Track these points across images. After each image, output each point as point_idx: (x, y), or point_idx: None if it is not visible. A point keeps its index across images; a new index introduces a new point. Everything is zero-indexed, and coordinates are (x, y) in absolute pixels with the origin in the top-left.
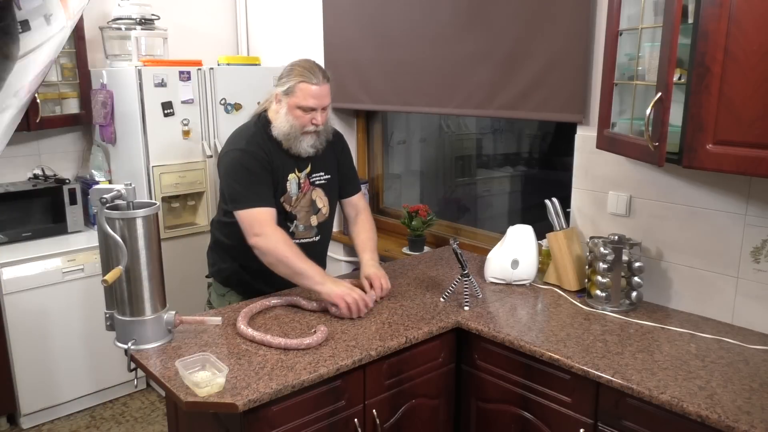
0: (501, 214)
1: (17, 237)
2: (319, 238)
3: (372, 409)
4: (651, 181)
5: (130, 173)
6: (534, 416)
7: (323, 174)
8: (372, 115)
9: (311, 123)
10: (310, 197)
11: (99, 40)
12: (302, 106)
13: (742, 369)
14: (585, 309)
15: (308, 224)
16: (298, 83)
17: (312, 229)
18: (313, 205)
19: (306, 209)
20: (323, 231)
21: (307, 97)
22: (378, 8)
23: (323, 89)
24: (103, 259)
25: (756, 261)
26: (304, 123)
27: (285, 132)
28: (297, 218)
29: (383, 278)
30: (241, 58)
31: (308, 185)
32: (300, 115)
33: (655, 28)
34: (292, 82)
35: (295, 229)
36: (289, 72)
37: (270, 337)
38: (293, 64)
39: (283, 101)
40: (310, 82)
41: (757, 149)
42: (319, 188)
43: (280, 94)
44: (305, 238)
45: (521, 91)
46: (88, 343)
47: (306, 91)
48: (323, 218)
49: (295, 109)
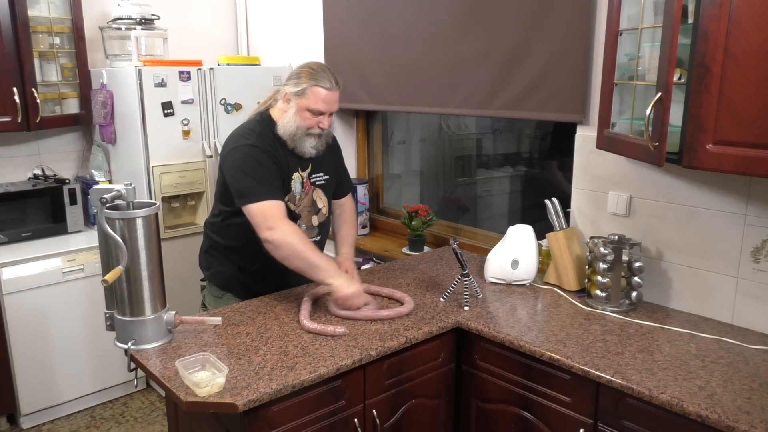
0: (501, 214)
1: (17, 237)
2: (319, 238)
3: (372, 409)
4: (651, 181)
5: (130, 173)
6: (534, 416)
7: (323, 175)
8: (372, 115)
9: (317, 126)
10: (312, 197)
11: (99, 40)
12: (312, 109)
13: (742, 369)
14: (585, 309)
15: (310, 224)
16: (312, 86)
17: (314, 229)
18: (314, 205)
19: (308, 209)
20: (323, 231)
21: (319, 102)
22: (378, 8)
23: (335, 95)
24: (103, 259)
25: (756, 261)
26: (310, 125)
27: (291, 132)
28: (300, 218)
29: (352, 268)
30: (241, 58)
31: (309, 185)
32: (308, 117)
33: (655, 28)
34: (306, 84)
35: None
36: (302, 74)
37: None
38: (307, 66)
39: (292, 101)
40: (324, 87)
41: (756, 149)
42: (319, 188)
43: (291, 94)
44: (308, 237)
45: (521, 91)
46: (88, 343)
47: (319, 95)
48: (323, 218)
49: (305, 111)
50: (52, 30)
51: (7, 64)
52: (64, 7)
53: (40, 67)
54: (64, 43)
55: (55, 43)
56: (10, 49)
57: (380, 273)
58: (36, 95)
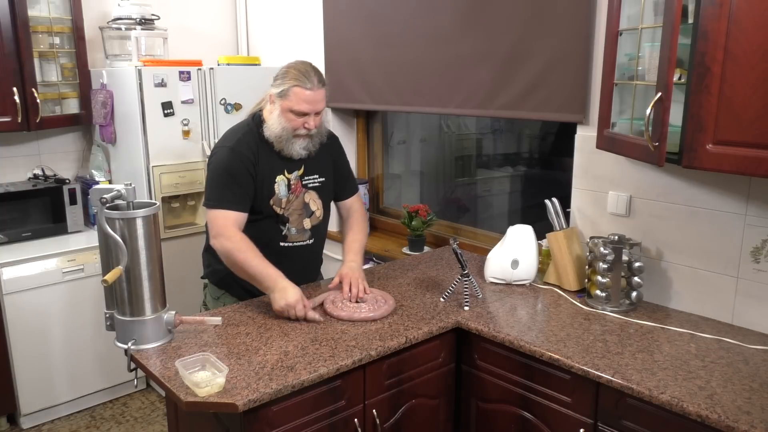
0: (501, 214)
1: (17, 237)
2: (312, 241)
3: (372, 409)
4: (651, 181)
5: (130, 173)
6: (534, 416)
7: (317, 177)
8: (372, 115)
9: (303, 127)
10: (303, 200)
11: (99, 40)
12: (295, 111)
13: (742, 369)
14: (585, 309)
15: (301, 227)
16: (292, 87)
17: (305, 232)
18: (306, 207)
19: (299, 212)
20: (317, 234)
21: (301, 102)
22: (378, 8)
23: (318, 94)
24: (103, 259)
25: (756, 261)
26: (296, 126)
27: (277, 134)
28: (289, 221)
29: (357, 280)
30: (241, 58)
31: (300, 188)
32: (292, 118)
33: (655, 28)
34: (287, 85)
35: (288, 232)
36: (285, 74)
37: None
38: (289, 66)
39: (276, 103)
40: (304, 87)
41: (756, 149)
42: (312, 191)
43: (274, 95)
44: (299, 241)
45: (521, 91)
46: (88, 343)
47: (300, 95)
48: (317, 221)
49: (288, 113)
50: (52, 30)
51: (7, 64)
52: (64, 7)
53: (40, 67)
54: (64, 43)
55: (55, 43)
56: (10, 49)
57: (380, 273)
58: (36, 95)
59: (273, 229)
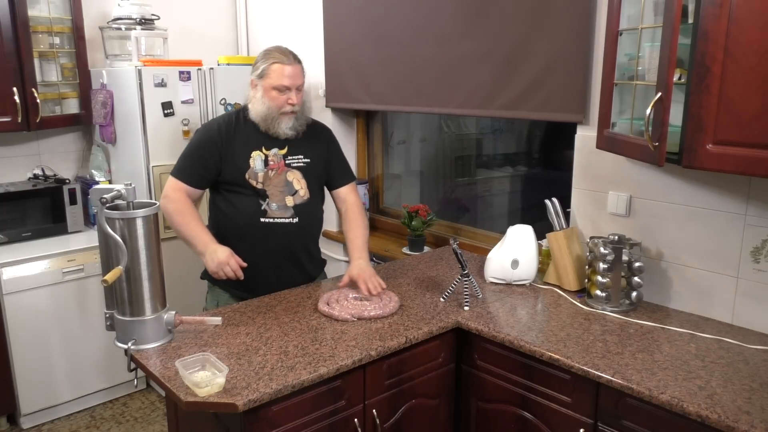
0: (501, 214)
1: (17, 237)
2: (297, 220)
3: (372, 409)
4: (651, 181)
5: (130, 173)
6: (534, 416)
7: (302, 157)
8: (372, 115)
9: (287, 103)
10: (285, 178)
11: (99, 40)
12: (277, 86)
13: (742, 369)
14: (585, 309)
15: (282, 204)
16: (270, 65)
17: (287, 209)
18: (288, 185)
19: (280, 188)
20: (302, 214)
21: (282, 77)
22: (378, 8)
23: (296, 69)
24: (103, 259)
25: (756, 261)
26: (280, 104)
27: (262, 114)
28: (269, 197)
29: (370, 278)
30: (241, 58)
31: (283, 166)
32: (276, 96)
33: (655, 28)
34: (265, 64)
35: (268, 207)
36: (261, 57)
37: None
38: (264, 50)
39: (258, 85)
40: (282, 63)
41: (756, 149)
42: (296, 170)
43: (255, 79)
44: (280, 217)
45: (521, 91)
46: (88, 343)
47: (279, 71)
48: (301, 200)
49: (271, 91)
50: (52, 30)
51: (7, 64)
52: (64, 7)
53: (40, 67)
54: (64, 43)
55: (55, 43)
56: (10, 49)
57: (380, 273)
58: (36, 95)
59: (253, 204)
